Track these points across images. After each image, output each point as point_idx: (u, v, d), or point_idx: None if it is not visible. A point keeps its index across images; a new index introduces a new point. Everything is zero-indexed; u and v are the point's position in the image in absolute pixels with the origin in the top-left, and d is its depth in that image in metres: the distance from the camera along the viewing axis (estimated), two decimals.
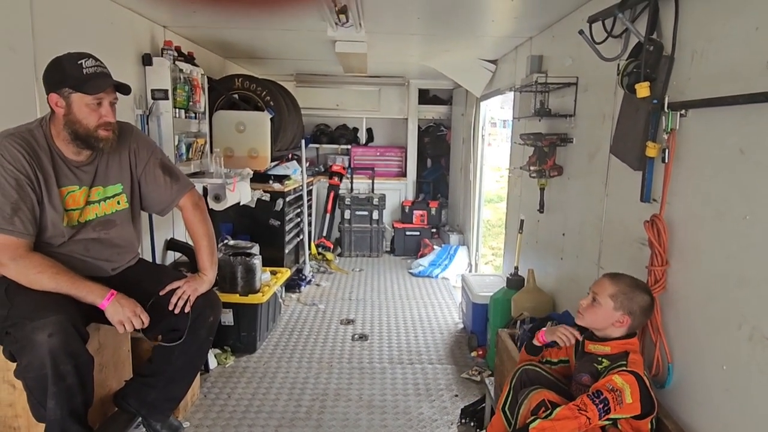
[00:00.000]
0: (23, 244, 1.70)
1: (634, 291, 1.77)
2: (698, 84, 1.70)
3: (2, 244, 1.66)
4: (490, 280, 3.69)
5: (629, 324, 1.77)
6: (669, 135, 1.78)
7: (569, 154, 2.80)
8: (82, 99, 1.76)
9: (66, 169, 1.84)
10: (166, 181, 2.08)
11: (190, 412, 2.66)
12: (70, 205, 1.85)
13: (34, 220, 1.73)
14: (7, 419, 1.90)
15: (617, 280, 1.81)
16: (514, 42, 3.74)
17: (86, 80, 1.74)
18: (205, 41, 3.99)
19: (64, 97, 1.75)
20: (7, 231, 1.66)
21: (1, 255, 1.67)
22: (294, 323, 3.97)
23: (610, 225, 2.33)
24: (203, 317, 2.04)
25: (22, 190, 1.69)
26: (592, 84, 2.54)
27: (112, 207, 1.97)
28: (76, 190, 1.86)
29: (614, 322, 1.77)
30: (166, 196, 2.10)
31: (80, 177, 1.88)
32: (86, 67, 1.75)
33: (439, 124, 6.75)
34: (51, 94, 1.76)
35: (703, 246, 1.68)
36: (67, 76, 1.74)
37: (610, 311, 1.77)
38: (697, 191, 1.71)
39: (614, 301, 1.76)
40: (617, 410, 1.61)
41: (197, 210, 2.15)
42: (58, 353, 1.60)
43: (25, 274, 1.68)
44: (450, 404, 2.82)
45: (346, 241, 6.12)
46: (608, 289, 1.79)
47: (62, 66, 1.75)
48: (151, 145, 2.13)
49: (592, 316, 1.83)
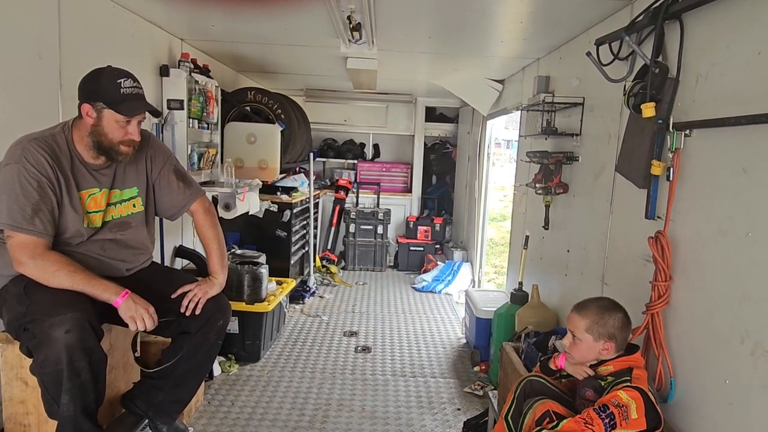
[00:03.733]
0: (42, 244, 1.75)
1: (603, 316, 1.78)
2: (702, 105, 1.76)
3: (23, 243, 1.71)
4: (493, 296, 3.72)
5: (614, 347, 1.78)
6: (674, 154, 1.83)
7: (575, 172, 2.85)
8: (114, 116, 1.82)
9: (86, 172, 1.90)
10: (179, 186, 2.15)
11: (194, 417, 2.67)
12: (91, 207, 1.91)
13: (53, 221, 1.78)
14: (18, 416, 1.92)
15: (585, 312, 1.81)
16: (521, 62, 3.83)
17: (122, 101, 1.81)
18: (219, 54, 4.09)
19: (97, 110, 1.81)
20: (28, 231, 1.71)
21: (21, 253, 1.71)
22: (298, 334, 3.99)
23: (614, 242, 2.37)
24: (213, 320, 2.08)
25: (43, 192, 1.74)
26: (598, 104, 2.60)
27: (128, 209, 2.03)
28: (96, 192, 1.92)
29: (600, 350, 1.79)
30: (179, 201, 2.16)
31: (99, 180, 1.94)
32: (124, 87, 1.82)
33: (445, 141, 6.83)
34: (84, 103, 1.82)
35: (706, 262, 1.72)
36: (103, 92, 1.80)
37: (592, 344, 1.79)
38: (700, 209, 1.75)
39: (591, 333, 1.78)
40: (623, 425, 1.62)
41: (208, 214, 2.21)
42: (75, 349, 1.64)
43: (43, 272, 1.73)
44: (452, 417, 2.83)
45: (350, 254, 6.16)
46: (580, 323, 1.81)
47: (101, 80, 1.81)
48: (167, 152, 2.20)
49: (578, 354, 1.84)
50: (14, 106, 2.07)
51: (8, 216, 1.69)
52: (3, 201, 1.70)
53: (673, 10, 1.85)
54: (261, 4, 2.72)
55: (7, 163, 1.73)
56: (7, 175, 1.71)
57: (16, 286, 1.78)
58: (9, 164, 1.72)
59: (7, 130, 1.87)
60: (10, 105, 2.05)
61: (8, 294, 1.80)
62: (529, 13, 2.68)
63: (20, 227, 1.70)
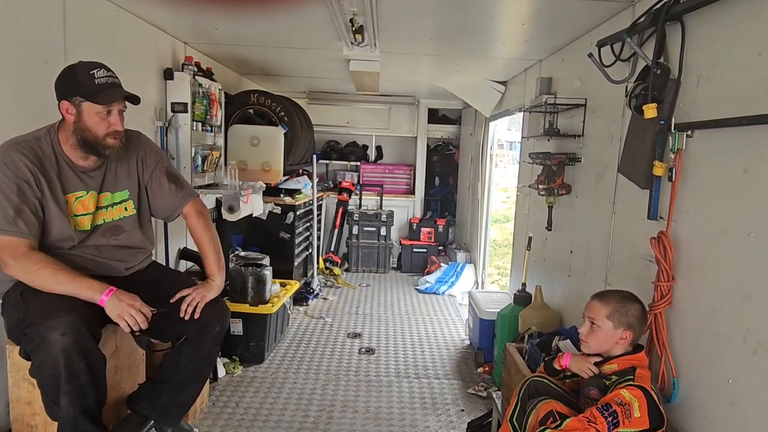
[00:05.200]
0: (24, 244, 1.74)
1: (625, 305, 1.81)
2: (704, 106, 1.76)
3: (5, 244, 1.71)
4: (497, 297, 3.72)
5: (632, 337, 1.80)
6: (675, 155, 1.84)
7: (577, 173, 2.86)
8: (93, 108, 1.81)
9: (73, 175, 1.89)
10: (171, 189, 2.13)
11: (199, 419, 2.69)
12: (79, 210, 1.90)
13: (37, 222, 1.77)
14: (25, 417, 1.94)
15: (607, 300, 1.84)
16: (523, 64, 3.84)
17: (98, 90, 1.80)
18: (223, 57, 4.12)
19: (75, 105, 1.81)
20: (10, 232, 1.71)
21: (5, 254, 1.71)
22: (301, 335, 4.00)
23: (617, 242, 2.38)
24: (209, 327, 2.06)
25: (23, 195, 1.74)
26: (600, 105, 2.61)
27: (120, 213, 2.03)
28: (83, 195, 1.91)
29: (618, 340, 1.81)
30: (171, 203, 2.15)
31: (87, 182, 1.93)
32: (98, 77, 1.81)
33: (447, 143, 6.84)
34: (62, 101, 1.82)
35: (708, 262, 1.72)
36: (79, 85, 1.80)
37: (611, 331, 1.80)
38: (702, 209, 1.76)
39: (612, 320, 1.80)
40: (626, 424, 1.63)
41: (201, 217, 2.19)
42: (71, 351, 1.64)
43: (26, 271, 1.72)
44: (456, 418, 2.83)
45: (354, 256, 6.17)
46: (602, 310, 1.82)
47: (75, 75, 1.81)
48: (158, 153, 2.19)
49: (595, 341, 1.85)
50: (22, 111, 2.09)
51: None
52: None
53: (674, 12, 1.86)
54: (264, 7, 2.74)
55: None
56: None
57: (15, 292, 1.79)
58: None
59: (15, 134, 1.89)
60: (17, 110, 2.07)
61: (9, 300, 1.82)
62: (530, 14, 2.69)
63: (2, 229, 1.70)
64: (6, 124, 2.00)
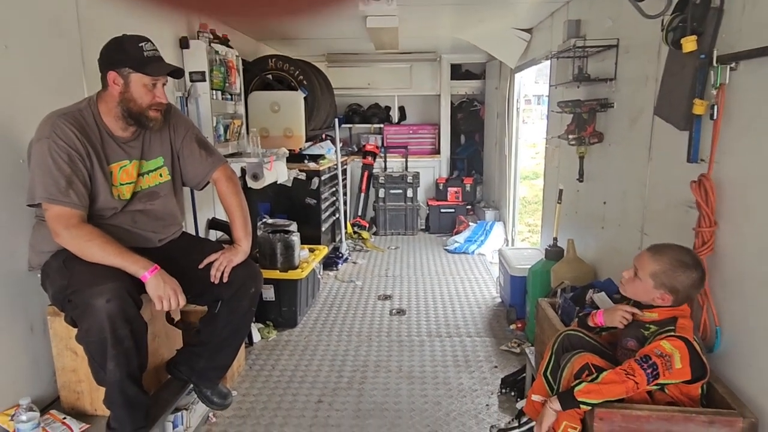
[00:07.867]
0: (76, 215, 1.78)
1: (677, 270, 1.68)
2: (750, 35, 1.61)
3: (58, 214, 1.76)
4: (528, 254, 3.65)
5: (672, 300, 1.71)
6: (718, 90, 1.70)
7: (610, 120, 2.72)
8: (141, 79, 1.84)
9: (115, 145, 1.92)
10: (201, 155, 2.16)
11: (237, 382, 2.77)
12: (123, 179, 1.94)
13: (86, 193, 1.82)
14: (71, 384, 2.02)
15: (659, 257, 1.71)
16: (550, 8, 3.63)
17: (147, 62, 1.83)
18: (238, 23, 4.03)
19: (123, 76, 1.83)
20: (63, 202, 1.75)
21: (57, 224, 1.76)
22: (332, 299, 4.05)
23: (654, 190, 2.26)
24: (245, 288, 2.10)
25: (75, 166, 1.77)
26: (634, 45, 2.44)
27: (156, 180, 2.06)
28: (127, 164, 1.95)
29: (655, 298, 1.73)
30: (202, 169, 2.17)
31: (128, 152, 1.96)
32: (146, 50, 1.84)
33: (472, 99, 6.65)
34: (110, 71, 1.83)
35: (754, 206, 1.61)
36: (128, 57, 1.82)
37: (650, 289, 1.72)
38: (747, 148, 1.64)
39: (654, 279, 1.71)
40: (666, 375, 1.58)
41: (230, 182, 2.21)
42: (116, 318, 1.69)
43: (77, 243, 1.77)
44: (489, 375, 2.83)
45: (381, 219, 6.16)
46: (649, 266, 1.72)
47: (124, 47, 1.83)
48: (188, 122, 2.22)
49: (632, 290, 1.80)
50: (40, 86, 2.09)
51: (44, 190, 1.73)
52: (37, 176, 1.74)
53: None
54: None
55: (38, 139, 1.76)
56: (38, 151, 1.75)
57: (56, 261, 1.84)
58: (40, 140, 1.75)
59: (32, 109, 1.90)
60: (35, 85, 2.07)
61: (50, 269, 1.86)
62: None
63: (55, 199, 1.74)
64: (24, 101, 2.01)
